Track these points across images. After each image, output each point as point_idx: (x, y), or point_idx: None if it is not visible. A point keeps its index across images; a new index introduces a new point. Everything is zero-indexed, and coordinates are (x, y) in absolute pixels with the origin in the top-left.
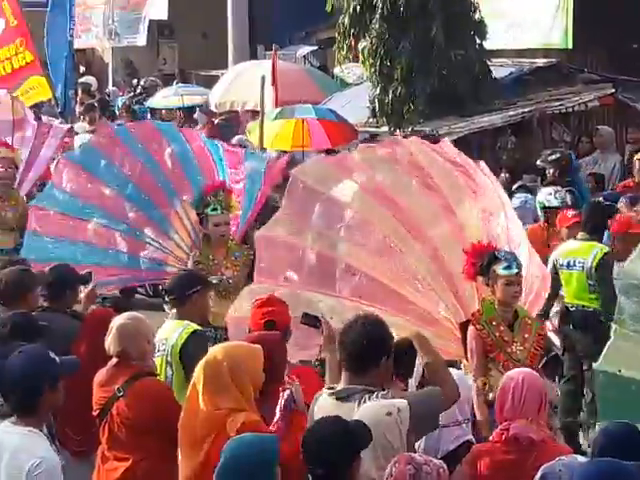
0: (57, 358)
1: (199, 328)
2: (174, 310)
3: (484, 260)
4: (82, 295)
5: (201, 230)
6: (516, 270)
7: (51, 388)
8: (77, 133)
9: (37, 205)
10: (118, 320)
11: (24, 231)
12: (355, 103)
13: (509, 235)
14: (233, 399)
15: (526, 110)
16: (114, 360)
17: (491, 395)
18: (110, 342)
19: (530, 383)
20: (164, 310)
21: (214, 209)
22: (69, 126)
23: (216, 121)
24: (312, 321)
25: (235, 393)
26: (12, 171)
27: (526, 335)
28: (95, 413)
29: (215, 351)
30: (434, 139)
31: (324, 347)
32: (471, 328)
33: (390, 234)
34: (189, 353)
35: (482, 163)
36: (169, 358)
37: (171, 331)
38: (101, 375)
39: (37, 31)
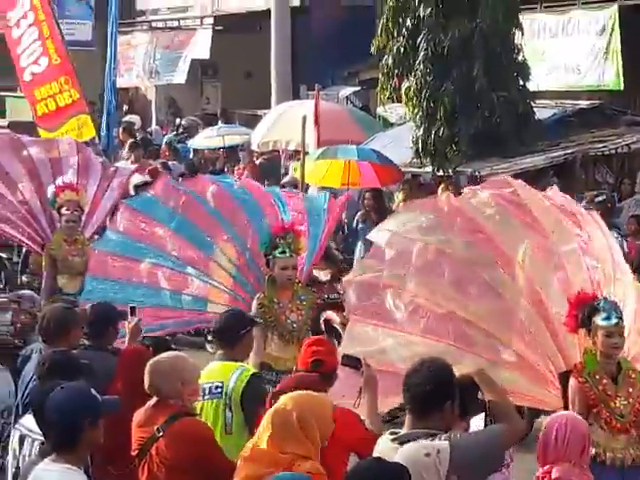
0: (98, 396)
1: (256, 370)
2: (221, 351)
3: (585, 311)
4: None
5: (267, 272)
6: (615, 321)
7: (91, 425)
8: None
9: (96, 248)
10: (155, 358)
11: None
12: (398, 143)
13: (615, 286)
14: (301, 446)
15: (569, 151)
16: (153, 400)
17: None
18: (145, 380)
19: (574, 425)
20: (205, 348)
21: (282, 252)
22: (116, 166)
23: (258, 161)
24: (352, 362)
25: (303, 441)
26: (78, 214)
27: (630, 389)
28: (134, 453)
29: (285, 400)
30: (475, 179)
31: (364, 389)
32: (574, 381)
33: (491, 276)
34: (250, 396)
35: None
36: (228, 401)
37: (226, 373)
38: (140, 415)
39: (81, 70)
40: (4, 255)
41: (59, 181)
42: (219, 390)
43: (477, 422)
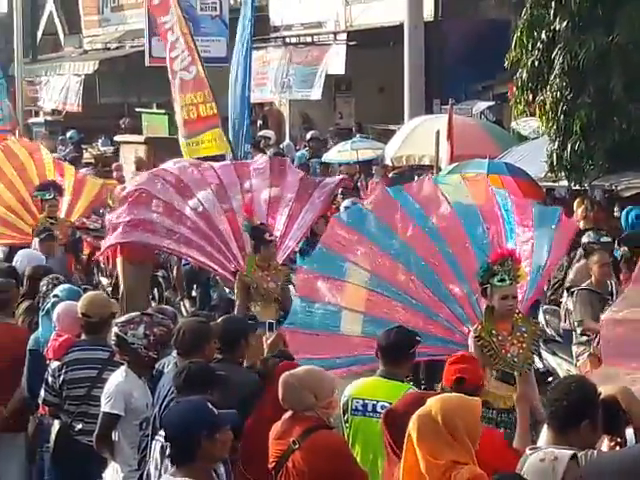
0: (215, 410)
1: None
2: (383, 367)
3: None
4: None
5: (485, 302)
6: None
7: (208, 439)
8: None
9: (303, 267)
10: (289, 372)
11: (286, 302)
12: (532, 157)
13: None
14: (453, 452)
15: None
16: (289, 413)
17: None
18: (279, 393)
19: None
20: None
21: (501, 280)
22: (334, 182)
23: (390, 175)
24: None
25: (454, 445)
26: (273, 238)
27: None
28: (271, 466)
29: (430, 404)
30: (611, 194)
31: (517, 405)
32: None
33: None
34: None
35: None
36: None
37: (395, 393)
38: (276, 428)
39: (215, 85)
40: (159, 273)
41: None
42: (381, 408)
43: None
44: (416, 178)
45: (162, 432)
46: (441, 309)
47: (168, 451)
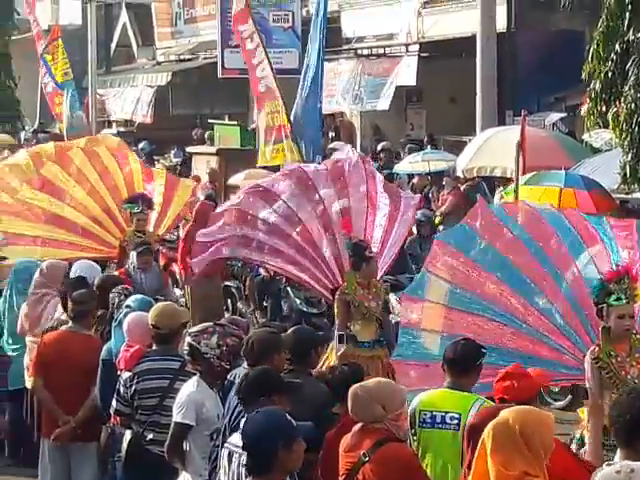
0: (293, 420)
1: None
2: (450, 379)
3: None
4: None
5: (601, 322)
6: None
7: (285, 449)
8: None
9: (408, 295)
10: (358, 384)
11: (386, 322)
12: (605, 169)
13: None
14: (525, 463)
15: None
16: (359, 425)
17: None
18: (349, 405)
19: None
20: None
21: (618, 299)
22: (418, 196)
23: (462, 187)
24: None
25: (527, 457)
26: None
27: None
28: (342, 478)
29: (506, 414)
30: None
31: (590, 417)
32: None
33: None
34: None
35: None
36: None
37: (464, 405)
38: (347, 440)
39: (288, 97)
40: (232, 284)
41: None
42: (455, 422)
43: None
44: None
45: (232, 439)
46: (553, 333)
47: (244, 461)
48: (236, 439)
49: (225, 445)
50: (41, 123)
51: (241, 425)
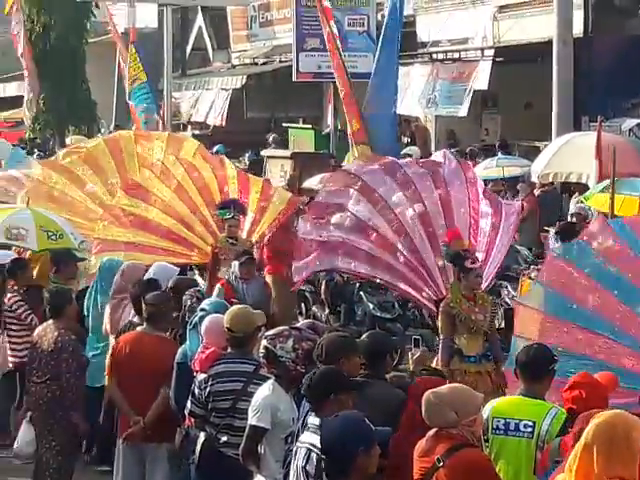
0: (372, 425)
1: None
2: (523, 385)
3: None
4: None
5: None
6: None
7: (365, 453)
8: None
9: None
10: (433, 389)
11: (493, 336)
12: None
13: None
14: (624, 467)
15: None
16: (433, 430)
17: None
18: (422, 410)
19: None
20: None
21: None
22: (518, 203)
23: (537, 192)
24: None
25: (627, 460)
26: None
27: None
28: None
29: (608, 415)
30: None
31: None
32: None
33: None
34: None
35: None
36: (541, 443)
37: (539, 412)
38: (421, 445)
39: (362, 101)
40: (306, 289)
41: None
42: (530, 429)
43: None
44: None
45: (302, 437)
46: None
47: (308, 458)
48: (307, 437)
49: (297, 444)
50: (117, 125)
51: (308, 423)
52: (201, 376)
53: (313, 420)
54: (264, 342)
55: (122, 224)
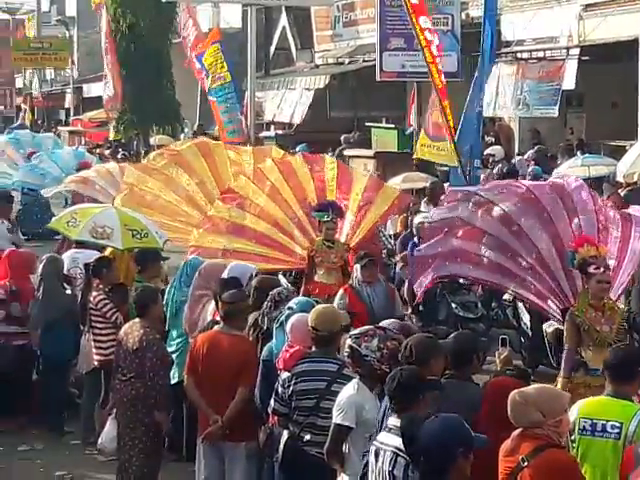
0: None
1: None
2: (611, 386)
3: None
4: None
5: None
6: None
7: (464, 456)
8: None
9: None
10: (520, 389)
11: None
12: None
13: None
14: None
15: None
16: (518, 430)
17: None
18: (508, 410)
19: None
20: None
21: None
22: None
23: (622, 192)
24: None
25: None
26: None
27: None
28: None
29: None
30: None
31: None
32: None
33: None
34: None
35: None
36: (627, 443)
37: (626, 414)
38: (506, 445)
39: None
40: None
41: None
42: (616, 430)
43: None
44: None
45: (379, 437)
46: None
47: (393, 461)
48: (384, 437)
49: (373, 443)
50: (200, 125)
51: (388, 424)
52: (285, 374)
53: (394, 421)
54: (349, 341)
55: (218, 231)
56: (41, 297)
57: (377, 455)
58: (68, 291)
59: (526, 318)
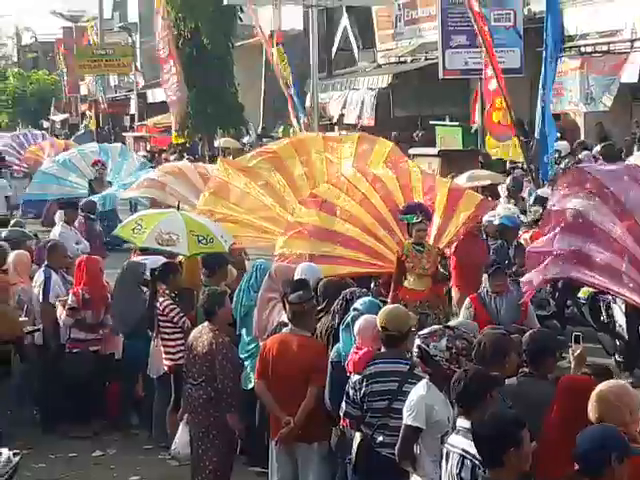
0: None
1: None
2: None
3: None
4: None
5: None
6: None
7: (618, 461)
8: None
9: None
10: (599, 387)
11: None
12: None
13: None
14: None
15: None
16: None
17: None
18: (590, 409)
19: None
20: None
21: None
22: None
23: None
24: None
25: None
26: None
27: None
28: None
29: None
30: None
31: None
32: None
33: None
34: None
35: None
36: None
37: None
38: None
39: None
40: None
41: None
42: None
43: None
44: None
45: (450, 440)
46: None
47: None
48: (453, 439)
49: (445, 445)
50: (264, 128)
51: (457, 425)
52: (355, 377)
53: (463, 423)
54: (418, 341)
55: (303, 236)
56: (120, 303)
57: (447, 457)
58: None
59: (622, 320)
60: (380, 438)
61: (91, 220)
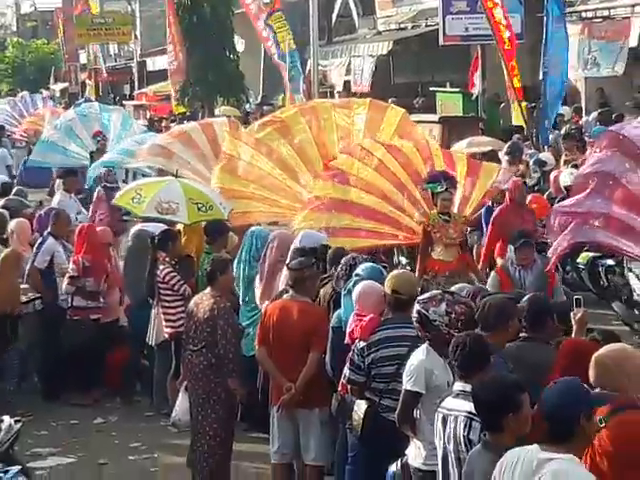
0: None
1: None
2: None
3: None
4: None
5: None
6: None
7: (587, 418)
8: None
9: None
10: (599, 351)
11: None
12: None
13: None
14: None
15: None
16: (598, 390)
17: None
18: (590, 373)
19: None
20: None
21: None
22: None
23: None
24: None
25: None
26: None
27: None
28: None
29: None
30: None
31: None
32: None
33: None
34: None
35: None
36: None
37: None
38: None
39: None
40: None
41: None
42: None
43: None
44: None
45: (445, 403)
46: None
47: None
48: (451, 403)
49: (438, 410)
50: (264, 96)
51: (455, 389)
52: (361, 343)
53: (462, 386)
54: (417, 306)
55: (321, 210)
56: (131, 273)
57: (445, 421)
58: None
59: (639, 288)
60: (386, 402)
61: (110, 190)
